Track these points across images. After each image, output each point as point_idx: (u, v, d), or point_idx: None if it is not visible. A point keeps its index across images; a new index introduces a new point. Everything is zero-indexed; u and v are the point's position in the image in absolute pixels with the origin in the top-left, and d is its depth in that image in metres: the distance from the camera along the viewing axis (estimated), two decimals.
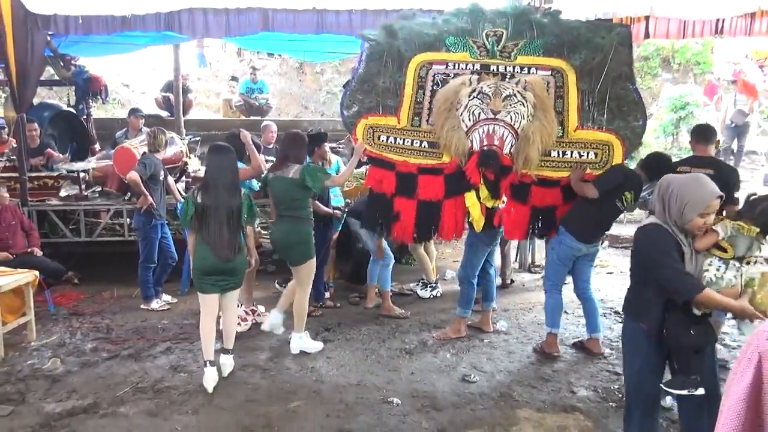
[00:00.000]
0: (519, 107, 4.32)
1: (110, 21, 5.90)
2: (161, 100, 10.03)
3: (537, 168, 4.35)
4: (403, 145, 4.51)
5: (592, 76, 4.36)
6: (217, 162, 4.08)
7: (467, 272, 4.85)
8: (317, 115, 12.80)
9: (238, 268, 4.12)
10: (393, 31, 4.56)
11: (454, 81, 4.44)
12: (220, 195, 3.98)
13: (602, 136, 4.36)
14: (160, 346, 4.72)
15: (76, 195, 6.61)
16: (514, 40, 4.45)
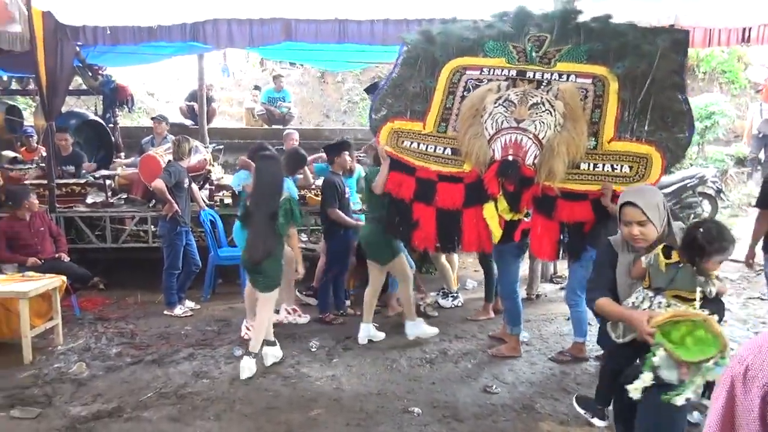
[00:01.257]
0: (546, 116, 4.06)
1: (137, 31, 6.04)
2: (185, 109, 10.19)
3: (563, 181, 3.98)
4: (425, 151, 4.39)
5: (636, 84, 4.06)
6: (262, 169, 4.37)
7: (504, 287, 4.74)
8: (338, 124, 12.88)
9: (266, 270, 4.32)
10: (431, 36, 4.55)
11: (483, 87, 4.31)
12: (260, 200, 4.31)
13: (640, 149, 3.92)
14: (182, 352, 4.77)
15: (102, 202, 6.74)
16: (558, 45, 4.29)
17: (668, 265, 2.58)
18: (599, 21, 4.34)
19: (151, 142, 7.84)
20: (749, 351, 1.59)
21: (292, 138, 7.65)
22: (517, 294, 4.70)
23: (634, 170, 3.93)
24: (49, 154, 6.49)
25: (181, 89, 12.24)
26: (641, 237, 2.61)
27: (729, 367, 1.70)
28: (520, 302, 4.70)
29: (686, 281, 2.54)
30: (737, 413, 1.55)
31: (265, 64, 14.40)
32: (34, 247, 5.73)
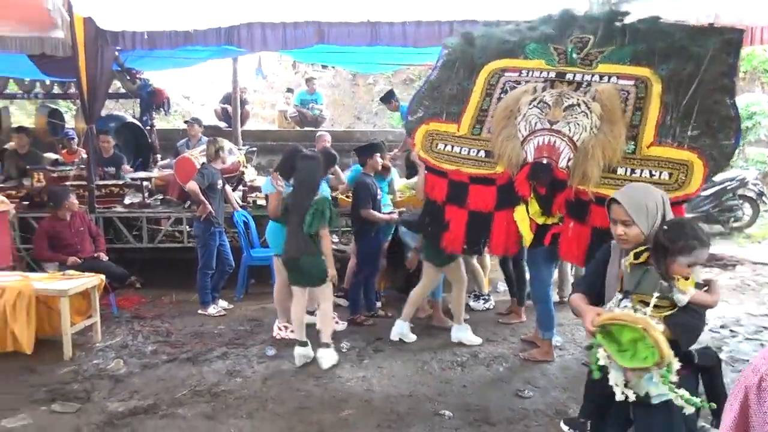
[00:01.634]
0: (581, 118, 3.94)
1: (174, 36, 6.16)
2: (220, 111, 10.35)
3: (598, 185, 3.84)
4: (459, 154, 4.37)
5: (681, 87, 3.88)
6: (303, 169, 4.51)
7: (535, 290, 4.70)
8: (369, 126, 12.93)
9: (305, 267, 4.46)
10: (471, 39, 4.54)
11: (519, 88, 4.26)
12: (298, 198, 4.45)
13: (681, 155, 3.72)
14: (216, 351, 4.84)
15: (139, 203, 6.89)
16: (601, 46, 4.20)
17: (635, 267, 2.38)
18: (646, 22, 4.20)
19: (186, 144, 7.99)
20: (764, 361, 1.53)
21: (324, 139, 7.71)
22: (549, 298, 4.63)
23: (673, 177, 3.74)
24: (89, 156, 6.67)
25: (215, 92, 12.45)
26: (624, 237, 2.46)
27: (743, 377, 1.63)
28: (552, 306, 4.64)
29: (650, 285, 2.32)
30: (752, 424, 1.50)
31: (297, 66, 14.57)
32: (74, 247, 5.89)
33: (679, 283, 2.27)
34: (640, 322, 2.17)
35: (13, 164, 7.67)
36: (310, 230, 4.38)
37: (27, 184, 6.98)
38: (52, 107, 9.08)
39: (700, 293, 2.31)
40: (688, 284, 2.29)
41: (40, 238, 5.84)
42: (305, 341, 4.62)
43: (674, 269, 2.28)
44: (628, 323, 2.20)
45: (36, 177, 6.86)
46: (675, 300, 2.28)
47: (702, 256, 2.31)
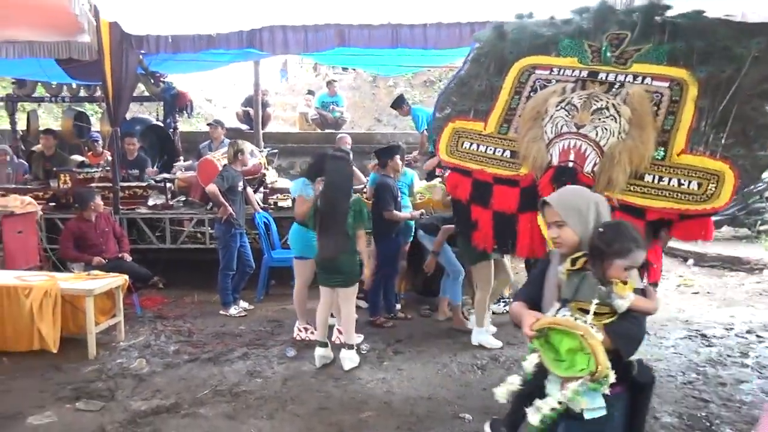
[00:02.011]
0: (609, 122, 3.80)
1: (197, 40, 6.24)
2: (242, 114, 10.43)
3: (623, 192, 3.69)
4: (484, 153, 4.26)
5: (718, 91, 3.66)
6: (333, 169, 4.51)
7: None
8: (390, 128, 12.92)
9: (343, 267, 4.47)
10: (503, 33, 4.43)
11: (548, 89, 4.14)
12: (332, 199, 4.43)
13: (712, 165, 3.52)
14: (237, 351, 4.88)
15: (162, 204, 6.98)
16: (638, 44, 3.97)
17: (571, 274, 2.27)
18: (687, 17, 3.94)
19: (209, 146, 8.07)
20: None
21: (344, 141, 7.74)
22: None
23: (702, 188, 3.53)
24: (114, 159, 6.77)
25: (237, 95, 12.56)
26: (558, 240, 2.34)
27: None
28: None
29: (588, 291, 2.20)
30: None
31: (318, 69, 14.64)
32: (99, 247, 5.99)
33: (617, 288, 2.16)
34: (579, 329, 2.08)
35: (40, 166, 7.83)
36: (352, 231, 4.41)
37: (53, 185, 7.11)
38: (79, 110, 9.22)
39: (640, 299, 2.20)
40: (626, 289, 2.16)
41: (66, 238, 5.94)
42: (326, 342, 4.64)
43: (612, 273, 2.18)
44: (567, 329, 2.11)
45: (62, 179, 6.99)
46: (614, 306, 2.16)
47: (639, 258, 2.20)
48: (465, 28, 5.96)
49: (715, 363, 4.62)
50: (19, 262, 5.88)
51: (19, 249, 6.03)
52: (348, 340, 4.59)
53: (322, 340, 4.63)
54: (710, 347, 4.94)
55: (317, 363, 4.56)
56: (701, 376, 4.35)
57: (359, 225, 4.45)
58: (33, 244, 6.22)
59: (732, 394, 4.09)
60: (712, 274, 7.25)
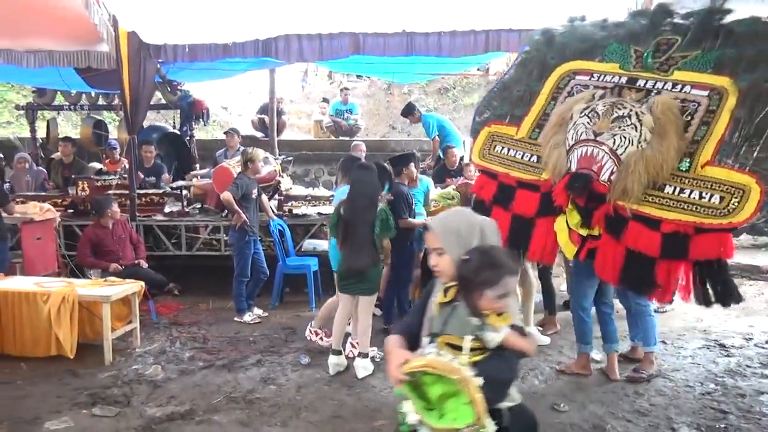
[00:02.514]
0: (629, 131, 3.70)
1: (213, 48, 6.31)
2: (257, 121, 10.50)
3: (639, 202, 3.58)
4: (513, 157, 4.30)
5: (759, 101, 3.47)
6: (359, 179, 4.54)
7: (573, 302, 4.56)
8: (404, 135, 12.94)
9: (369, 275, 4.50)
10: (551, 36, 4.42)
11: (578, 95, 4.10)
12: (358, 209, 4.46)
13: (738, 178, 3.35)
14: (251, 358, 4.89)
15: (178, 211, 7.03)
16: (687, 50, 3.83)
17: (442, 306, 2.05)
18: (744, 24, 3.76)
19: (225, 154, 8.13)
20: None
21: (359, 149, 7.75)
22: (585, 310, 4.46)
23: (724, 203, 3.37)
24: (131, 166, 6.85)
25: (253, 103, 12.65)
26: (438, 268, 2.13)
27: None
28: (589, 319, 4.48)
29: (457, 325, 1.98)
30: None
31: (333, 77, 14.70)
32: (116, 254, 6.05)
33: (490, 319, 1.95)
34: (456, 373, 1.83)
35: (59, 173, 7.94)
36: (379, 241, 4.47)
37: (72, 192, 7.20)
38: (97, 118, 9.36)
39: (515, 335, 1.99)
40: (501, 321, 1.97)
41: (84, 245, 6.01)
42: (340, 350, 4.64)
43: (484, 304, 1.96)
44: (442, 373, 1.85)
45: (80, 186, 7.09)
46: (485, 341, 1.95)
47: (511, 285, 2.01)
48: (479, 36, 5.98)
49: (735, 373, 4.54)
50: (38, 268, 5.96)
51: (38, 255, 6.12)
52: (362, 348, 4.58)
53: (337, 348, 4.63)
54: (729, 357, 4.87)
55: (331, 370, 4.56)
56: (720, 387, 4.28)
57: (385, 235, 4.51)
58: (51, 250, 6.31)
59: (752, 405, 4.01)
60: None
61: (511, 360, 2.02)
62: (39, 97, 9.11)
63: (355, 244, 4.45)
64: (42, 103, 9.18)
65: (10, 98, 13.17)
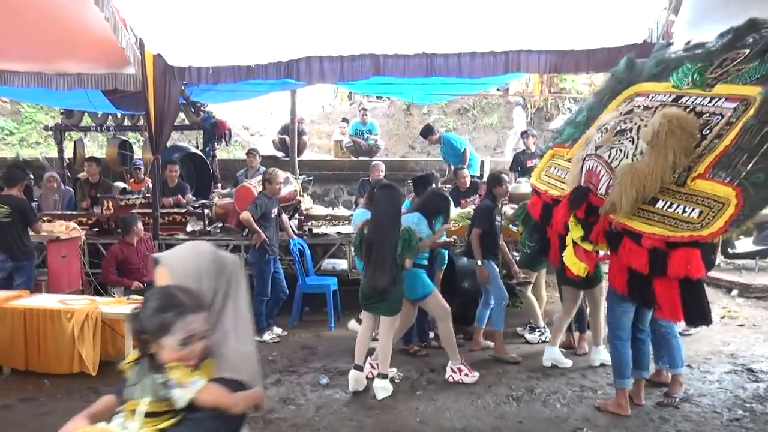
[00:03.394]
0: (626, 143, 3.68)
1: (237, 70, 6.43)
2: (278, 141, 10.59)
3: (628, 217, 3.49)
4: (556, 176, 4.45)
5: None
6: (383, 200, 4.58)
7: (609, 331, 4.36)
8: (423, 155, 12.97)
9: (391, 296, 4.50)
10: (631, 63, 4.51)
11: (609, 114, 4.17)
12: (382, 229, 4.47)
13: (722, 191, 3.19)
14: (270, 378, 4.87)
15: (200, 230, 7.10)
16: (746, 63, 3.62)
17: (130, 366, 1.78)
18: None
19: (246, 174, 8.23)
20: None
21: (378, 169, 7.77)
22: (621, 340, 4.14)
23: (701, 217, 3.19)
24: (154, 185, 6.95)
25: (274, 123, 12.81)
26: None
27: None
28: (626, 351, 4.15)
29: (144, 386, 1.71)
30: None
31: (353, 97, 14.85)
32: (140, 271, 6.11)
33: (174, 373, 1.66)
34: None
35: (85, 192, 8.08)
36: (402, 261, 4.45)
37: (97, 211, 7.32)
38: (122, 139, 9.53)
39: (214, 388, 1.69)
40: (191, 374, 1.68)
41: (109, 262, 6.08)
42: (361, 366, 4.62)
43: (167, 356, 1.68)
44: None
45: (105, 204, 7.21)
46: (172, 400, 1.66)
47: (194, 326, 1.68)
48: (499, 57, 6.01)
49: (763, 399, 4.42)
50: (62, 286, 6.05)
51: (63, 273, 6.22)
52: (382, 369, 4.55)
53: (359, 363, 4.61)
54: (757, 382, 4.74)
55: (350, 386, 4.53)
56: (748, 413, 4.16)
57: (408, 255, 4.49)
58: (76, 268, 6.40)
59: None
60: (759, 306, 6.98)
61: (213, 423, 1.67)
62: (67, 118, 9.33)
63: (378, 263, 4.45)
64: (70, 124, 9.39)
65: (39, 119, 13.53)
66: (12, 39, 6.03)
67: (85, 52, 6.42)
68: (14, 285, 5.63)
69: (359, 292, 4.64)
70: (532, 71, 7.60)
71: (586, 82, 13.37)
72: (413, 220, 4.91)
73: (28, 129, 13.72)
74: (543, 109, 13.78)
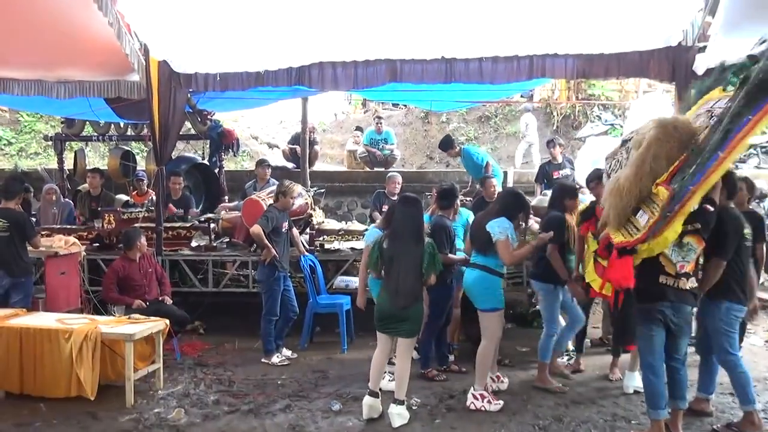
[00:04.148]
0: (623, 153, 3.85)
1: (245, 77, 6.47)
2: (288, 151, 10.64)
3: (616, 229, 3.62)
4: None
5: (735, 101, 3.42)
6: (404, 212, 4.53)
7: (639, 356, 4.34)
8: (442, 166, 12.96)
9: (413, 316, 4.45)
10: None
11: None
12: (404, 244, 4.42)
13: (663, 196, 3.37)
14: (279, 403, 4.85)
15: (206, 245, 7.13)
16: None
17: None
18: None
19: (254, 186, 8.26)
20: None
21: (395, 181, 7.77)
22: (652, 368, 4.04)
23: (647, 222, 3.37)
24: (158, 199, 6.99)
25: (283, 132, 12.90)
26: None
27: None
28: (657, 379, 4.03)
29: None
30: None
31: (368, 105, 14.92)
32: (143, 288, 6.13)
33: None
34: None
35: (85, 205, 8.17)
36: (428, 276, 4.43)
37: (97, 225, 7.38)
38: (125, 149, 9.63)
39: None
40: None
41: (110, 279, 6.11)
42: (377, 392, 4.56)
43: None
44: None
45: (106, 218, 7.26)
46: None
47: None
48: (523, 61, 5.98)
49: None
50: (60, 304, 6.08)
51: (61, 290, 6.25)
52: (398, 395, 4.49)
53: (374, 390, 4.54)
54: None
55: (364, 413, 4.48)
56: None
57: (433, 270, 4.44)
58: (75, 285, 6.44)
59: None
60: None
61: None
62: (68, 127, 9.43)
63: (398, 281, 4.40)
64: (71, 134, 9.50)
65: (39, 128, 13.75)
66: (11, 45, 6.12)
67: (88, 59, 6.50)
68: (11, 302, 5.69)
69: (375, 313, 4.57)
70: (559, 77, 7.59)
71: (616, 87, 13.29)
72: (504, 225, 4.73)
73: (27, 139, 13.94)
74: (570, 116, 13.72)
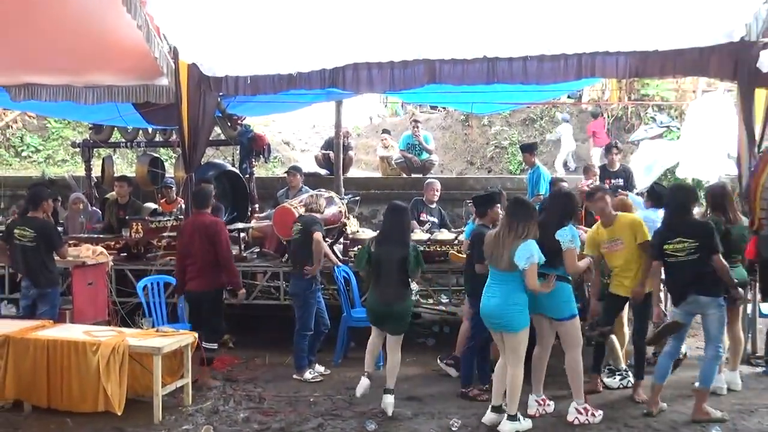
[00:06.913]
0: None
1: (277, 80, 6.55)
2: (321, 157, 10.71)
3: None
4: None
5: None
6: (392, 219, 5.21)
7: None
8: (484, 172, 12.92)
9: (397, 314, 5.10)
10: None
11: None
12: (390, 248, 5.09)
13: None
14: (311, 422, 4.90)
15: (235, 255, 7.21)
16: None
17: None
18: None
19: (286, 194, 8.33)
20: None
21: (433, 188, 7.77)
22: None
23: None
24: (187, 206, 7.12)
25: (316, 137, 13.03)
26: None
27: None
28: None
29: None
30: None
31: (405, 107, 14.97)
32: None
33: None
34: None
35: (113, 214, 8.36)
36: (414, 275, 5.22)
37: (125, 234, 7.54)
38: (153, 156, 9.82)
39: None
40: None
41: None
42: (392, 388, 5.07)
43: None
44: None
45: (134, 227, 7.41)
46: None
47: None
48: (571, 60, 5.91)
49: None
50: (87, 316, 6.24)
51: (89, 301, 6.42)
52: (389, 384, 5.06)
53: (369, 371, 5.21)
54: None
55: (358, 392, 5.14)
56: None
57: (417, 271, 5.17)
58: (102, 296, 6.60)
59: None
60: None
61: None
62: (96, 134, 9.67)
63: (386, 281, 5.07)
64: (98, 140, 9.73)
65: (66, 135, 14.18)
66: (39, 50, 6.33)
67: (116, 63, 6.68)
68: (38, 314, 5.86)
69: (366, 311, 5.37)
70: (609, 76, 7.48)
71: (672, 87, 13.03)
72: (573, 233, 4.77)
73: (54, 146, 14.40)
74: (622, 118, 13.51)
